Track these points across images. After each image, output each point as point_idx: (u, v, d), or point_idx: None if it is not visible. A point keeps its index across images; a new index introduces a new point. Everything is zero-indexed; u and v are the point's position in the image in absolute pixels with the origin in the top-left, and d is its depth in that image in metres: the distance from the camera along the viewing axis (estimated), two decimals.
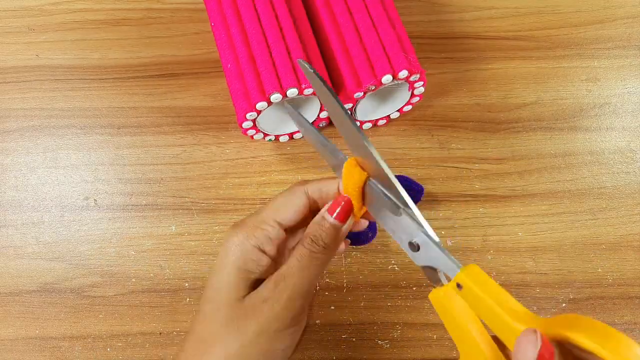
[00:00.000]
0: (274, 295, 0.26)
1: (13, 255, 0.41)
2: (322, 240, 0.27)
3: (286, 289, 0.26)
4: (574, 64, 0.47)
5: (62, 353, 0.39)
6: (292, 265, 0.27)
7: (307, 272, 0.26)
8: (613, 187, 0.43)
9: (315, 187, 0.28)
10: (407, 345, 0.39)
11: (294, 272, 0.26)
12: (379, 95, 0.42)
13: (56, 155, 0.44)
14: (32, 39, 0.47)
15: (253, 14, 0.38)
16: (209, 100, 0.45)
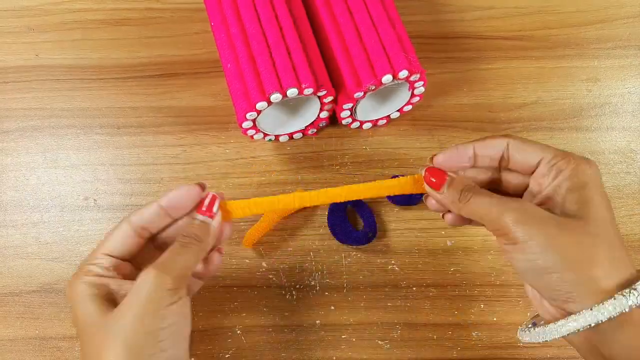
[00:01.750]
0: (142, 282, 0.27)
1: (13, 255, 0.41)
2: (193, 234, 0.29)
3: (155, 272, 0.27)
4: (574, 64, 0.47)
5: (62, 353, 0.39)
6: (163, 255, 0.28)
7: (177, 258, 0.28)
8: (613, 187, 0.43)
9: (138, 215, 0.30)
10: (407, 345, 0.39)
11: (164, 259, 0.28)
12: (379, 95, 0.42)
13: (56, 155, 0.44)
14: (32, 39, 0.47)
15: (253, 14, 0.38)
16: (209, 100, 0.45)
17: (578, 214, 0.26)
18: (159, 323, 0.26)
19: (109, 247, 0.30)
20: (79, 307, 0.27)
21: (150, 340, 0.26)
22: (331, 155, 0.44)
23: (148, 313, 0.26)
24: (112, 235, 0.30)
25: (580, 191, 0.26)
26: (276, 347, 0.39)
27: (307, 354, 0.39)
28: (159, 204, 0.31)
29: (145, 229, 0.31)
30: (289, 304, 0.40)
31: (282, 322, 0.40)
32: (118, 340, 0.26)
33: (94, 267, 0.29)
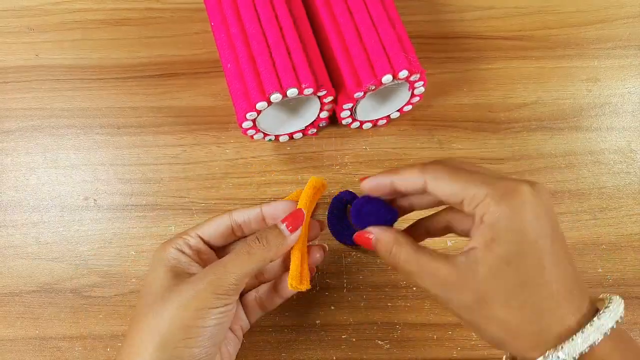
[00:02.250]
0: (199, 277, 0.28)
1: (13, 255, 0.41)
2: (265, 239, 0.29)
3: (214, 272, 0.28)
4: (574, 64, 0.47)
5: (62, 353, 0.39)
6: (228, 255, 0.29)
7: (239, 262, 0.29)
8: (613, 187, 0.43)
9: (240, 212, 0.32)
10: (407, 345, 0.39)
11: (226, 260, 0.29)
12: (379, 95, 0.42)
13: (56, 155, 0.44)
14: (32, 39, 0.47)
15: (253, 14, 0.38)
16: (209, 100, 0.45)
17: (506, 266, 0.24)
18: (196, 321, 0.27)
19: (204, 229, 0.32)
20: (152, 273, 0.30)
21: (182, 333, 0.27)
22: (331, 155, 0.44)
23: (190, 308, 0.27)
24: (211, 221, 0.32)
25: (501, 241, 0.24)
26: (276, 347, 0.39)
27: (307, 354, 0.39)
28: (262, 208, 0.32)
29: (240, 227, 0.32)
30: (289, 304, 0.40)
31: (282, 322, 0.40)
32: (157, 321, 0.27)
33: (182, 242, 0.31)
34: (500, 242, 0.24)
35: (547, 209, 0.24)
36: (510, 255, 0.24)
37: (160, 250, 0.30)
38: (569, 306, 0.24)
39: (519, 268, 0.23)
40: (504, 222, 0.24)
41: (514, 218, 0.23)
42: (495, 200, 0.24)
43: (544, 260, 0.23)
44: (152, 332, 0.27)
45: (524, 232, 0.23)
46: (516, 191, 0.24)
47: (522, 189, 0.24)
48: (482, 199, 0.24)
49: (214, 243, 0.32)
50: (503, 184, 0.24)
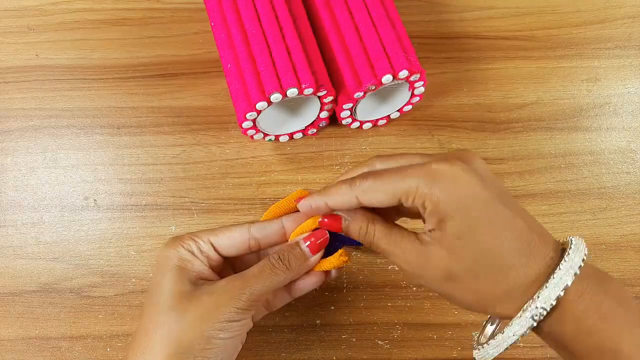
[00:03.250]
0: (222, 288, 0.28)
1: (13, 255, 0.41)
2: (287, 260, 0.29)
3: (236, 286, 0.28)
4: (574, 64, 0.47)
5: (62, 353, 0.39)
6: (251, 270, 0.29)
7: (262, 280, 0.28)
8: (613, 187, 0.43)
9: (260, 225, 0.31)
10: (407, 345, 0.39)
11: (249, 276, 0.28)
12: (379, 95, 0.42)
13: (56, 155, 0.44)
14: (32, 39, 0.47)
15: (253, 13, 0.38)
16: (209, 100, 0.45)
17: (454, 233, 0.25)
18: (216, 332, 0.27)
19: (219, 239, 0.30)
20: (161, 273, 0.29)
21: (201, 344, 0.27)
22: (331, 155, 0.44)
23: (211, 320, 0.27)
24: (227, 230, 0.31)
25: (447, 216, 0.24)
26: (276, 347, 0.39)
27: (307, 354, 0.39)
28: (282, 222, 0.31)
29: (258, 241, 0.31)
30: (289, 304, 0.40)
31: (282, 322, 0.40)
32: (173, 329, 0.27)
33: (193, 244, 0.30)
34: (447, 221, 0.25)
35: (484, 176, 0.25)
36: (460, 231, 0.24)
37: (170, 249, 0.29)
38: (532, 258, 0.24)
39: (472, 240, 0.24)
40: (443, 204, 0.24)
41: (450, 197, 0.24)
42: (428, 187, 0.24)
43: (493, 224, 0.24)
44: (166, 341, 0.26)
45: (465, 206, 0.24)
46: (442, 172, 0.24)
47: (452, 168, 0.24)
48: (415, 191, 0.25)
49: (225, 254, 0.31)
50: (428, 170, 0.25)
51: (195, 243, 0.30)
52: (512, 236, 0.24)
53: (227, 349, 0.28)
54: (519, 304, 0.24)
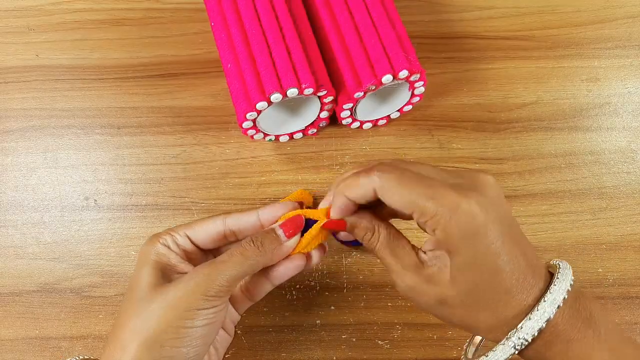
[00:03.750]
0: (189, 277, 0.28)
1: (13, 255, 0.41)
2: (259, 242, 0.29)
3: (204, 273, 0.27)
4: (574, 64, 0.47)
5: (62, 353, 0.39)
6: (220, 257, 0.29)
7: (232, 265, 0.28)
8: (613, 187, 0.43)
9: (234, 217, 0.31)
10: (407, 345, 0.39)
11: (218, 262, 0.28)
12: (379, 95, 0.42)
13: (56, 155, 0.44)
14: (32, 39, 0.47)
15: (253, 13, 0.38)
16: (209, 100, 0.45)
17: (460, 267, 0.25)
18: (184, 321, 0.27)
19: (194, 231, 0.31)
20: (138, 269, 0.29)
21: (170, 333, 0.26)
22: (331, 155, 0.44)
23: (179, 308, 0.27)
24: (203, 223, 0.31)
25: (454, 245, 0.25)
26: (276, 347, 0.39)
27: (307, 354, 0.39)
28: (258, 213, 0.31)
29: (234, 233, 0.31)
30: (289, 304, 0.40)
31: (282, 322, 0.40)
32: (143, 320, 0.27)
33: (169, 238, 0.30)
34: (454, 254, 0.25)
35: (497, 211, 0.25)
36: (464, 264, 0.25)
37: (147, 246, 0.30)
38: (523, 292, 0.25)
39: (473, 274, 0.25)
40: (454, 239, 0.25)
41: (463, 235, 0.25)
42: (445, 219, 0.25)
43: (496, 264, 0.25)
44: (136, 331, 0.27)
45: (475, 246, 0.25)
46: (463, 208, 0.25)
47: (469, 205, 0.25)
48: (431, 215, 0.25)
49: (203, 246, 0.31)
50: (450, 200, 0.25)
51: (172, 237, 0.30)
52: (510, 274, 0.25)
53: (199, 337, 0.27)
54: (505, 331, 0.26)
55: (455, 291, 0.26)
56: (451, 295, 0.26)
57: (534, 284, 0.26)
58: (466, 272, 0.25)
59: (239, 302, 0.33)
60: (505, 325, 0.26)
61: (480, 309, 0.26)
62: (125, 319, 0.27)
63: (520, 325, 0.25)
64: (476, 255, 0.25)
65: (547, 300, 0.25)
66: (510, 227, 0.26)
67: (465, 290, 0.26)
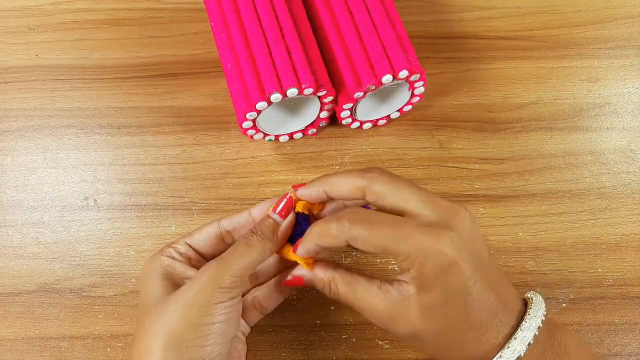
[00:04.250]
0: (200, 273, 0.28)
1: (13, 255, 0.41)
2: (260, 230, 0.30)
3: (214, 267, 0.28)
4: (574, 64, 0.47)
5: (62, 353, 0.39)
6: (227, 251, 0.29)
7: (239, 255, 0.29)
8: (613, 187, 0.43)
9: (228, 218, 0.32)
10: (407, 345, 0.39)
11: (225, 255, 0.29)
12: (379, 95, 0.42)
13: (56, 155, 0.44)
14: (32, 39, 0.47)
15: (253, 13, 0.38)
16: (209, 100, 0.45)
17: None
18: (204, 318, 0.27)
19: (192, 238, 0.32)
20: (146, 283, 0.29)
21: (192, 332, 0.27)
22: (331, 155, 0.44)
23: (196, 305, 0.27)
24: (200, 229, 0.32)
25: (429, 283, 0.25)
26: (276, 347, 0.39)
27: (307, 354, 0.39)
28: (250, 212, 0.32)
29: (230, 233, 0.32)
30: (289, 304, 0.40)
31: (282, 322, 0.40)
32: (163, 324, 0.27)
33: (172, 250, 0.31)
34: (425, 292, 0.26)
35: (469, 250, 0.26)
36: (435, 303, 0.26)
37: (151, 262, 0.30)
38: (493, 331, 0.26)
39: (444, 314, 0.26)
40: (428, 279, 0.25)
41: (437, 275, 0.25)
42: (419, 260, 0.25)
43: (467, 303, 0.26)
44: (159, 336, 0.27)
45: (447, 285, 0.25)
46: (436, 249, 0.25)
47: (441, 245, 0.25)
48: (405, 257, 0.25)
49: (204, 252, 0.32)
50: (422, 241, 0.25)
51: (173, 248, 0.31)
52: (482, 313, 0.26)
53: (220, 334, 0.27)
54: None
55: (426, 327, 0.26)
56: (423, 330, 0.26)
57: (506, 322, 0.26)
58: (437, 310, 0.26)
59: (249, 316, 0.33)
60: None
61: (451, 348, 0.26)
62: (145, 328, 0.27)
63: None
64: (447, 294, 0.25)
65: (517, 337, 0.25)
66: (482, 265, 0.26)
67: (435, 329, 0.26)
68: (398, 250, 0.25)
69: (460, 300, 0.25)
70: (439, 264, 0.25)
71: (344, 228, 0.27)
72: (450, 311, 0.26)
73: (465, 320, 0.26)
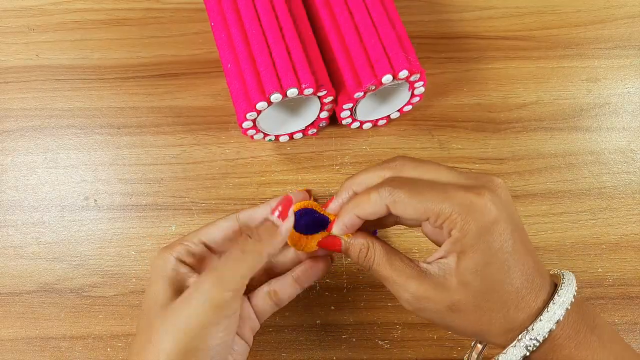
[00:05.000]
0: (195, 291, 0.27)
1: (13, 255, 0.41)
2: (256, 234, 0.28)
3: (208, 283, 0.26)
4: (574, 64, 0.47)
5: (62, 353, 0.39)
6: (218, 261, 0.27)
7: (232, 265, 0.27)
8: (613, 187, 0.43)
9: (247, 213, 0.31)
10: (407, 345, 0.39)
11: (219, 267, 0.27)
12: (379, 95, 0.42)
13: (56, 155, 0.44)
14: (32, 39, 0.47)
15: (253, 13, 0.38)
16: (209, 100, 0.45)
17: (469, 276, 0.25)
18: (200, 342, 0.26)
19: (208, 234, 0.30)
20: (150, 284, 0.29)
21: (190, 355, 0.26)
22: (331, 155, 0.44)
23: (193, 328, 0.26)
24: (216, 224, 0.31)
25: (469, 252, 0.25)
26: (276, 347, 0.39)
27: (307, 354, 0.39)
28: (270, 205, 0.31)
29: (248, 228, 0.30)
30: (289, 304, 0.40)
31: (282, 322, 0.40)
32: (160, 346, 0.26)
33: (182, 249, 0.29)
34: (468, 254, 0.25)
35: (508, 211, 0.26)
36: (478, 265, 0.25)
37: (159, 259, 0.29)
38: (533, 294, 0.26)
39: (487, 276, 0.25)
40: (471, 237, 0.25)
41: (480, 232, 0.25)
42: (462, 217, 0.25)
43: (508, 262, 0.25)
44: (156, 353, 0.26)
45: (490, 243, 0.25)
46: (478, 205, 0.25)
47: (484, 201, 0.25)
48: (447, 216, 0.25)
49: (219, 247, 0.30)
50: (465, 199, 0.25)
51: (185, 247, 0.29)
52: (521, 275, 0.26)
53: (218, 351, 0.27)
54: (515, 334, 0.26)
55: (466, 294, 0.25)
56: (462, 299, 0.26)
57: (542, 286, 0.26)
58: (480, 273, 0.25)
59: (262, 309, 0.31)
60: (515, 329, 0.26)
61: (493, 310, 0.26)
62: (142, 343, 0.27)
63: (532, 326, 0.25)
64: (490, 252, 0.25)
65: (556, 302, 0.25)
66: (519, 228, 0.26)
67: (477, 292, 0.25)
68: (440, 209, 0.25)
69: (502, 259, 0.25)
70: (483, 221, 0.25)
71: (384, 192, 0.26)
72: (492, 272, 0.25)
73: (506, 282, 0.25)
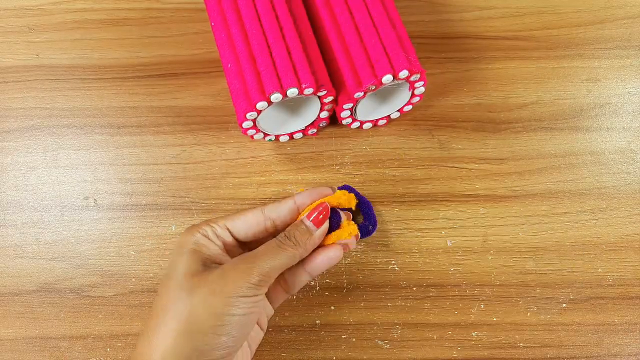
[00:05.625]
0: (232, 265, 0.28)
1: (13, 255, 0.41)
2: (294, 237, 0.30)
3: (246, 261, 0.28)
4: (574, 64, 0.47)
5: (62, 353, 0.39)
6: (259, 248, 0.30)
7: (271, 256, 0.29)
8: (613, 188, 0.43)
9: (273, 206, 0.33)
10: (407, 345, 0.39)
11: (258, 253, 0.29)
12: (379, 95, 0.42)
13: (56, 155, 0.44)
14: (32, 39, 0.47)
15: (253, 13, 0.38)
16: (209, 100, 0.45)
17: None
18: (227, 308, 0.27)
19: (235, 223, 0.32)
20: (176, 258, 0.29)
21: (212, 320, 0.27)
22: (331, 155, 0.44)
23: (221, 294, 0.27)
24: (243, 214, 0.32)
25: None
26: (276, 347, 0.39)
27: (307, 354, 0.39)
28: (294, 200, 0.32)
29: (273, 221, 0.32)
30: (289, 304, 0.40)
31: (282, 322, 0.40)
32: (184, 308, 0.27)
33: (209, 229, 0.31)
34: None
35: None
36: None
37: (186, 235, 0.30)
38: None
39: None
40: None
41: None
42: None
43: None
44: (178, 317, 0.27)
45: None
46: None
47: None
48: None
49: (242, 238, 0.32)
50: None
51: (211, 228, 0.31)
52: None
53: (239, 326, 0.28)
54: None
55: None
56: None
57: None
58: None
59: (275, 296, 0.33)
60: None
61: None
62: (165, 306, 0.28)
63: None
64: None
65: None
66: None
67: None
68: None
69: None
70: None
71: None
72: None
73: None
